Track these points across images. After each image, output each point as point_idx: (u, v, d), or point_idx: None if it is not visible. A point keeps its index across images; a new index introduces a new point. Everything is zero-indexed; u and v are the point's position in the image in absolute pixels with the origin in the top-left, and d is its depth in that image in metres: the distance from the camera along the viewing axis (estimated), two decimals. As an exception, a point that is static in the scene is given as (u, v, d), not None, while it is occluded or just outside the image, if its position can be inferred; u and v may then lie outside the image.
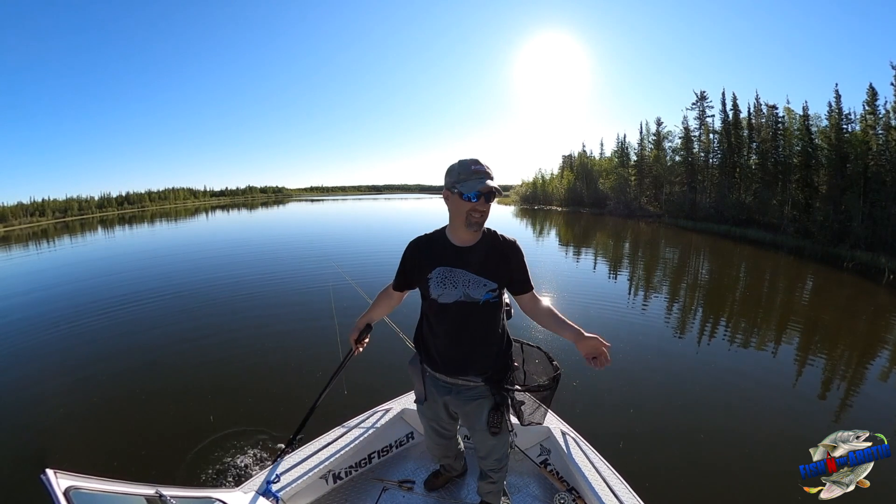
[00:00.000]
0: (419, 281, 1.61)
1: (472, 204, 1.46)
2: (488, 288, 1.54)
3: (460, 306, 1.55)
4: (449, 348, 1.62)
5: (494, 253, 1.57)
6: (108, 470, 3.08)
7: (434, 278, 1.57)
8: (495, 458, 1.76)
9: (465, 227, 1.50)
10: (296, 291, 8.54)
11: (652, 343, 5.92)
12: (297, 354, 5.24)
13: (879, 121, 19.46)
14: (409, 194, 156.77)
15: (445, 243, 1.59)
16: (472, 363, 1.61)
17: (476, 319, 1.57)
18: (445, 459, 2.07)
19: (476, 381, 1.62)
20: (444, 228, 1.63)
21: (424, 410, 1.82)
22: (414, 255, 1.64)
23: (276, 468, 1.88)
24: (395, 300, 1.82)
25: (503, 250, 1.59)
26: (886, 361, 5.43)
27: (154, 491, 1.26)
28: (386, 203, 65.50)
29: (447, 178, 1.52)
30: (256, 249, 15.60)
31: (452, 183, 1.48)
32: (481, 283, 1.54)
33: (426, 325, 1.68)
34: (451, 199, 1.50)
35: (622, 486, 1.82)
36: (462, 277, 1.55)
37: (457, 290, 1.55)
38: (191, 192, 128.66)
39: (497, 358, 1.64)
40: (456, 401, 1.67)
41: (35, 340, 6.36)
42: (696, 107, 31.36)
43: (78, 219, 70.63)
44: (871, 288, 10.79)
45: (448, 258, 1.57)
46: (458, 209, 1.49)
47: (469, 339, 1.59)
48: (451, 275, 1.56)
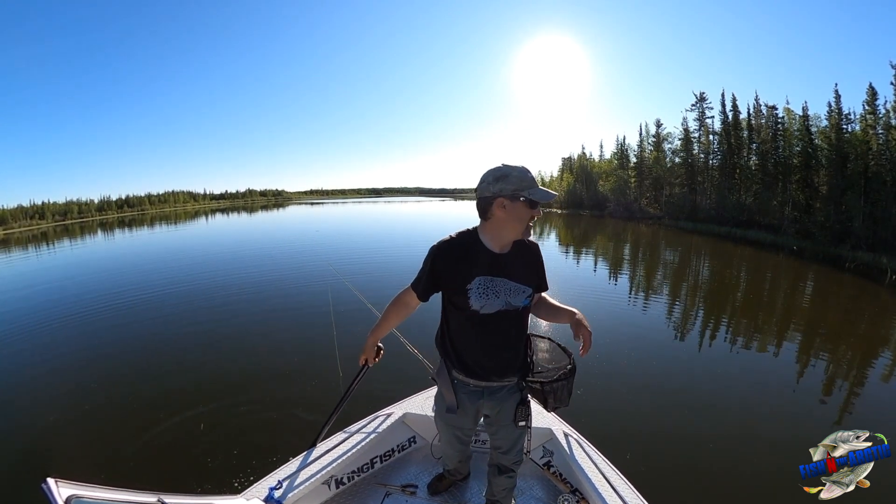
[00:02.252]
0: (455, 291, 1.50)
1: (534, 211, 1.46)
2: (526, 294, 1.54)
3: (502, 315, 1.51)
4: (489, 356, 1.57)
5: (527, 258, 1.59)
6: (109, 478, 3.08)
7: (475, 289, 1.48)
8: (517, 449, 1.77)
9: (521, 235, 1.51)
10: (295, 297, 8.53)
11: (653, 345, 5.92)
12: (297, 360, 5.22)
13: (879, 120, 19.49)
14: (408, 197, 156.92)
15: (481, 248, 1.50)
16: (510, 366, 1.61)
17: (515, 324, 1.58)
18: (461, 464, 2.07)
19: (510, 380, 1.64)
20: (472, 231, 1.55)
21: (453, 419, 1.74)
22: (448, 262, 1.51)
23: (278, 474, 1.87)
24: (411, 309, 1.70)
25: (533, 254, 1.62)
26: (888, 362, 5.43)
27: (156, 499, 1.25)
28: (386, 206, 65.52)
29: (504, 184, 1.42)
30: (255, 253, 15.61)
31: (516, 190, 1.41)
32: (521, 290, 1.53)
33: (458, 334, 1.59)
34: (513, 206, 1.43)
35: (626, 487, 1.81)
36: (503, 286, 1.50)
37: (499, 299, 1.49)
38: (190, 196, 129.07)
39: (525, 355, 1.68)
40: (489, 402, 1.65)
41: (34, 345, 6.37)
42: (696, 108, 31.46)
43: (78, 222, 70.78)
44: (872, 288, 10.77)
45: (487, 266, 1.49)
46: (520, 216, 1.45)
47: (510, 344, 1.59)
48: (492, 284, 1.49)
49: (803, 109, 23.56)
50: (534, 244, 1.63)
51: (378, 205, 74.66)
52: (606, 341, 5.85)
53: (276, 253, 15.28)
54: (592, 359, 5.09)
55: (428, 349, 2.56)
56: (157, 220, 52.97)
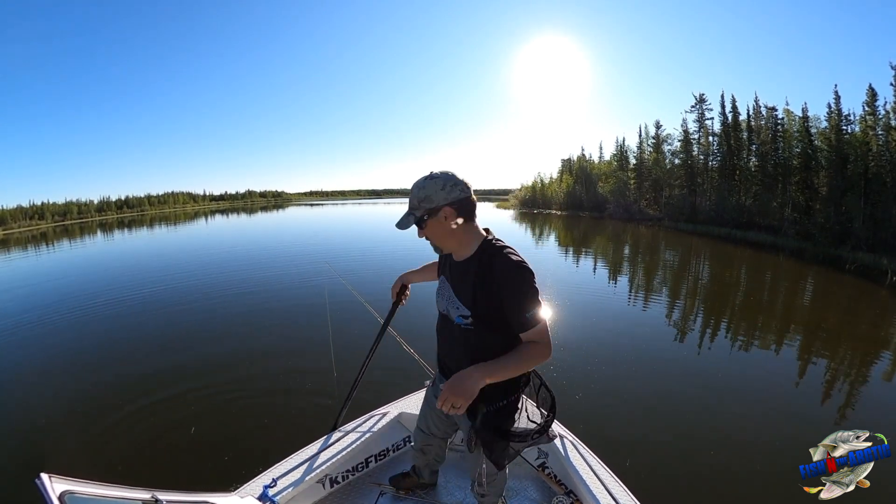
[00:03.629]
0: None
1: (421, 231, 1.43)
2: (459, 312, 1.39)
3: (444, 320, 1.50)
4: (441, 353, 1.61)
5: (478, 274, 1.34)
6: (103, 474, 3.06)
7: (439, 283, 1.57)
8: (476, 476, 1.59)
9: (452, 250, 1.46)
10: (292, 296, 8.51)
11: (652, 346, 5.91)
12: (293, 358, 5.21)
13: (879, 121, 19.51)
14: (408, 198, 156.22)
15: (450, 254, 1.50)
16: None
17: (457, 339, 1.44)
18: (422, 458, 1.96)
19: None
20: None
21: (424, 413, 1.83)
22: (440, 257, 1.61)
23: (273, 472, 1.86)
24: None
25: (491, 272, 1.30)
26: (888, 362, 5.41)
27: (150, 495, 1.25)
28: (386, 207, 65.49)
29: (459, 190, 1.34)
30: (254, 253, 15.61)
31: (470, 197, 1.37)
32: (456, 305, 1.41)
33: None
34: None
35: (620, 490, 1.80)
36: (447, 292, 1.47)
37: (442, 301, 1.50)
38: (190, 196, 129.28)
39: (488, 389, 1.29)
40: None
41: (30, 342, 6.36)
42: (695, 109, 31.47)
43: (77, 222, 70.91)
44: (873, 289, 10.76)
45: (447, 268, 1.51)
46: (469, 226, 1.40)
47: (454, 356, 1.50)
48: (443, 286, 1.51)
49: (803, 110, 23.64)
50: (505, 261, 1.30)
51: (378, 206, 74.68)
52: (605, 342, 5.85)
53: (275, 253, 15.28)
54: (590, 359, 5.08)
55: (424, 349, 2.56)
56: (156, 220, 53.01)
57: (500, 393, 1.42)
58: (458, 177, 1.36)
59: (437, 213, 1.34)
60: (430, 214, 1.35)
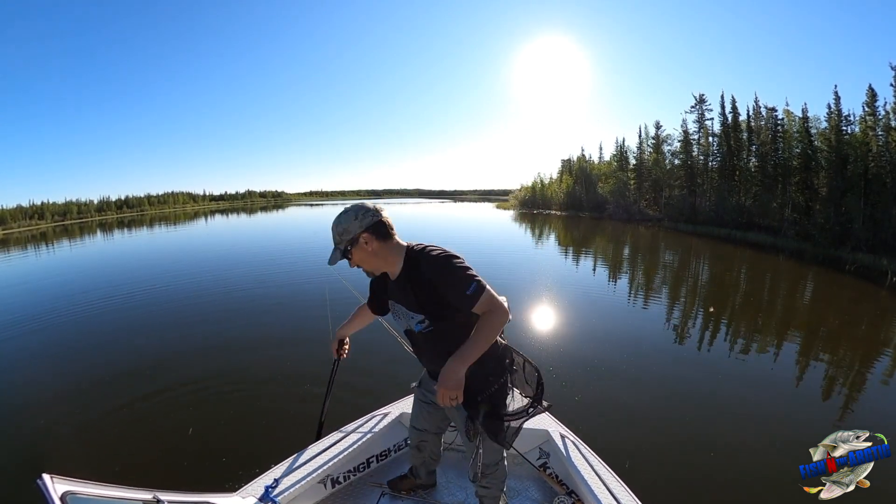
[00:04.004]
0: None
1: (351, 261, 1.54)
2: (416, 321, 1.50)
3: (409, 334, 1.62)
4: (423, 363, 1.73)
5: (412, 280, 1.45)
6: (105, 475, 3.06)
7: (391, 309, 1.67)
8: (481, 462, 1.66)
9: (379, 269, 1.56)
10: (291, 295, 8.52)
11: (652, 346, 5.91)
12: (294, 357, 5.22)
13: (879, 122, 19.52)
14: (408, 199, 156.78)
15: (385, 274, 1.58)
16: None
17: (425, 344, 1.58)
18: (418, 456, 1.99)
19: None
20: None
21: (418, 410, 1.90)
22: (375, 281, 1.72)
23: (274, 473, 1.86)
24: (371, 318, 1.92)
25: (422, 273, 1.42)
26: (888, 363, 5.42)
27: (152, 496, 1.25)
28: (385, 207, 65.22)
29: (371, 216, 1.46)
30: (254, 252, 15.61)
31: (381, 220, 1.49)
32: (410, 317, 1.53)
33: None
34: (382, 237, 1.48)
35: (622, 490, 1.80)
36: (400, 311, 1.58)
37: (401, 321, 1.61)
38: (190, 196, 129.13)
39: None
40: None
41: (31, 342, 6.35)
42: (695, 110, 31.52)
43: (77, 222, 70.87)
44: (873, 290, 10.77)
45: (391, 292, 1.61)
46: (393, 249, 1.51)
47: (432, 360, 1.62)
48: (395, 308, 1.62)
49: (803, 111, 23.66)
50: (431, 258, 1.40)
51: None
52: (605, 343, 5.85)
53: (275, 252, 15.26)
54: (590, 360, 5.08)
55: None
56: (156, 220, 52.97)
57: (490, 378, 1.53)
58: (367, 205, 1.49)
59: (357, 241, 1.46)
60: (352, 244, 1.47)
